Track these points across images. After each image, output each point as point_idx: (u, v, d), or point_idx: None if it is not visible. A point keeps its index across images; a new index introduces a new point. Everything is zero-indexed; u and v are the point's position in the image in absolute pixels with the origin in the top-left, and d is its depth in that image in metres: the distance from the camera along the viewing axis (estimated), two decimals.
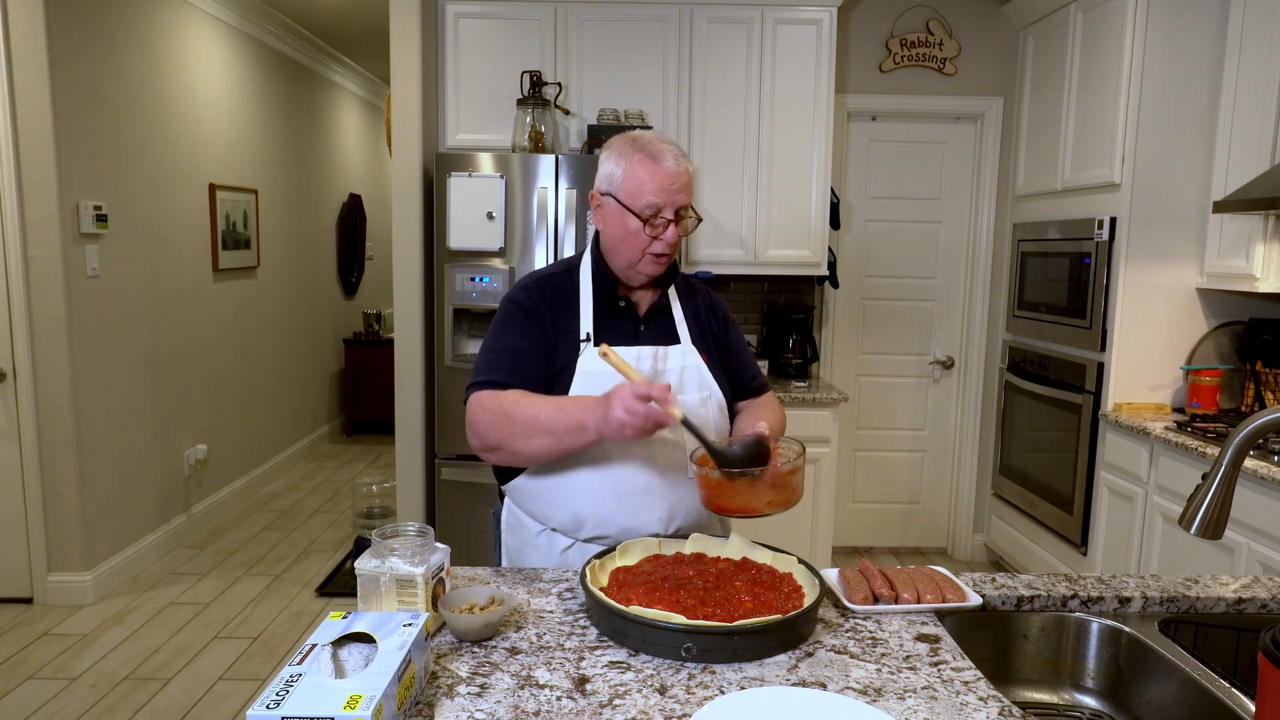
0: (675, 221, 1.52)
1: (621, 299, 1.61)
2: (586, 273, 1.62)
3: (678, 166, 1.52)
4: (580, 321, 1.58)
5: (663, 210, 1.51)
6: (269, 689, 0.94)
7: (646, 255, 1.54)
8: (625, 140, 1.56)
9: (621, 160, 1.54)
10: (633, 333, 1.60)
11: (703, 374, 1.60)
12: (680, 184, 1.52)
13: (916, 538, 4.34)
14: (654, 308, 1.63)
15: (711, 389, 1.60)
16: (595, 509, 1.53)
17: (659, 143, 1.53)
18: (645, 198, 1.50)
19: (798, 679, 1.13)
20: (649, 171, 1.50)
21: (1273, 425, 1.06)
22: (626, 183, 1.52)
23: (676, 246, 1.56)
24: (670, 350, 1.59)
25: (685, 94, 3.58)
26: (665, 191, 1.50)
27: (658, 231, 1.52)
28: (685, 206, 1.54)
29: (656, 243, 1.52)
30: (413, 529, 1.25)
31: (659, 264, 1.56)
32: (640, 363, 1.55)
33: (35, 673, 2.93)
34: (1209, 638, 1.41)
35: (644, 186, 1.50)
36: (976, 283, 4.11)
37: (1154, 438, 2.89)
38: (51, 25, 3.23)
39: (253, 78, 5.01)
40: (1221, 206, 2.76)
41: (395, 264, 3.45)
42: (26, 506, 3.40)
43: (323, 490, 5.20)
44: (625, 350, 1.53)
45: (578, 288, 1.61)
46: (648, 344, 1.59)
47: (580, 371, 1.54)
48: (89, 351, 3.49)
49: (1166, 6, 3.04)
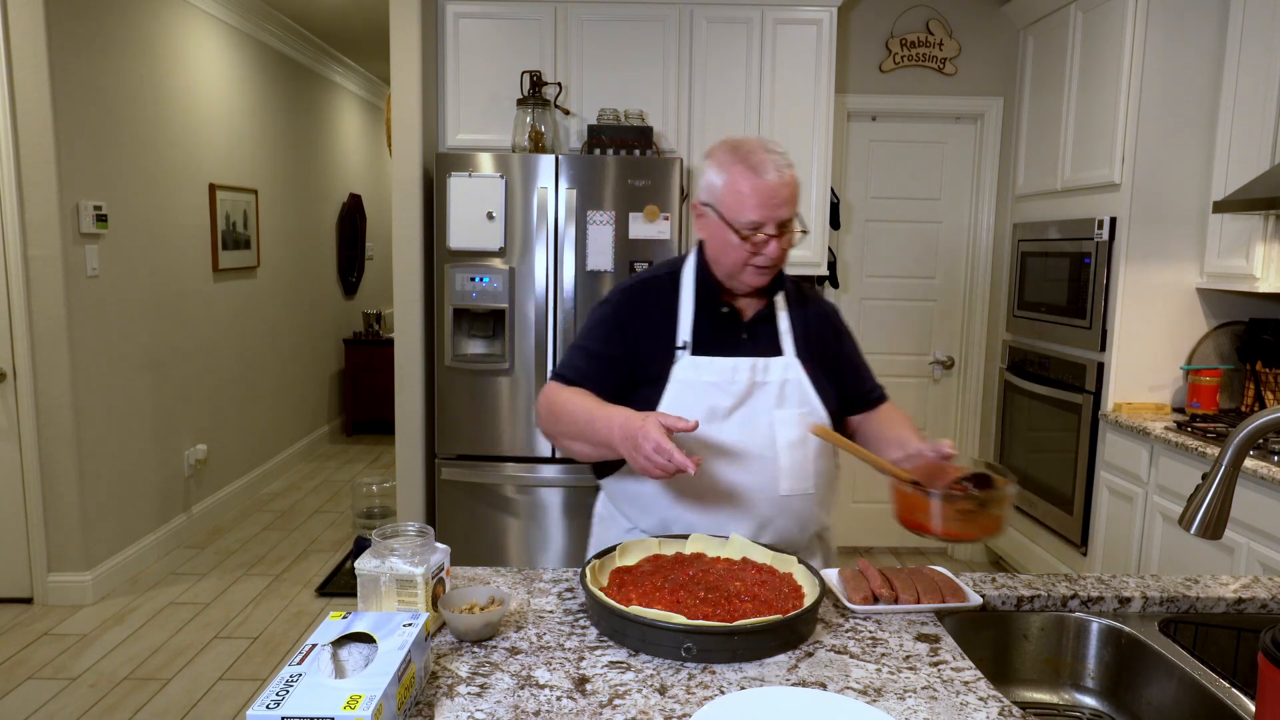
0: (778, 235, 1.46)
1: (724, 305, 1.55)
2: (689, 277, 1.57)
3: (780, 178, 1.44)
4: (679, 328, 1.54)
5: (764, 226, 1.44)
6: (269, 689, 0.94)
7: (748, 268, 1.49)
8: (727, 149, 1.49)
9: (722, 171, 1.47)
10: (735, 341, 1.54)
11: (804, 389, 1.54)
12: (782, 197, 1.44)
13: (916, 538, 4.33)
14: (759, 316, 1.57)
15: (813, 404, 1.54)
16: (682, 517, 1.52)
17: (761, 152, 1.45)
18: (746, 214, 1.44)
19: (798, 679, 1.13)
20: (750, 185, 1.43)
21: (1273, 425, 1.06)
22: (726, 196, 1.46)
23: (781, 260, 1.50)
24: (772, 362, 1.53)
25: (685, 94, 3.58)
26: (767, 206, 1.43)
27: (759, 247, 1.46)
28: (788, 221, 1.47)
29: (758, 257, 1.47)
30: (413, 529, 1.25)
31: (762, 276, 1.51)
32: (738, 373, 1.51)
33: (35, 673, 2.93)
34: (1209, 638, 1.41)
35: (744, 201, 1.44)
36: (976, 283, 4.11)
37: (1154, 438, 2.89)
38: (51, 25, 3.23)
39: (253, 78, 5.01)
40: (1221, 206, 2.76)
41: (395, 264, 3.45)
42: (26, 506, 3.41)
43: (323, 490, 5.20)
44: (724, 361, 1.50)
45: (679, 291, 1.57)
46: (749, 354, 1.53)
47: (675, 380, 1.51)
48: (89, 351, 3.49)
49: (1166, 6, 3.04)
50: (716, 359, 1.51)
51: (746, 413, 1.50)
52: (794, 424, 1.51)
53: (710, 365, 1.51)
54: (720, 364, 1.50)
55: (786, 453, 1.50)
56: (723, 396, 1.50)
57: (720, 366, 1.50)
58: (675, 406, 1.50)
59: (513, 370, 3.31)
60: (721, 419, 1.50)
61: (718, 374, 1.50)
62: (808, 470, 1.52)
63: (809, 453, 1.52)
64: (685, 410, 1.47)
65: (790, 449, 1.50)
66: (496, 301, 3.28)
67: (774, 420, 1.51)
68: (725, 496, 1.50)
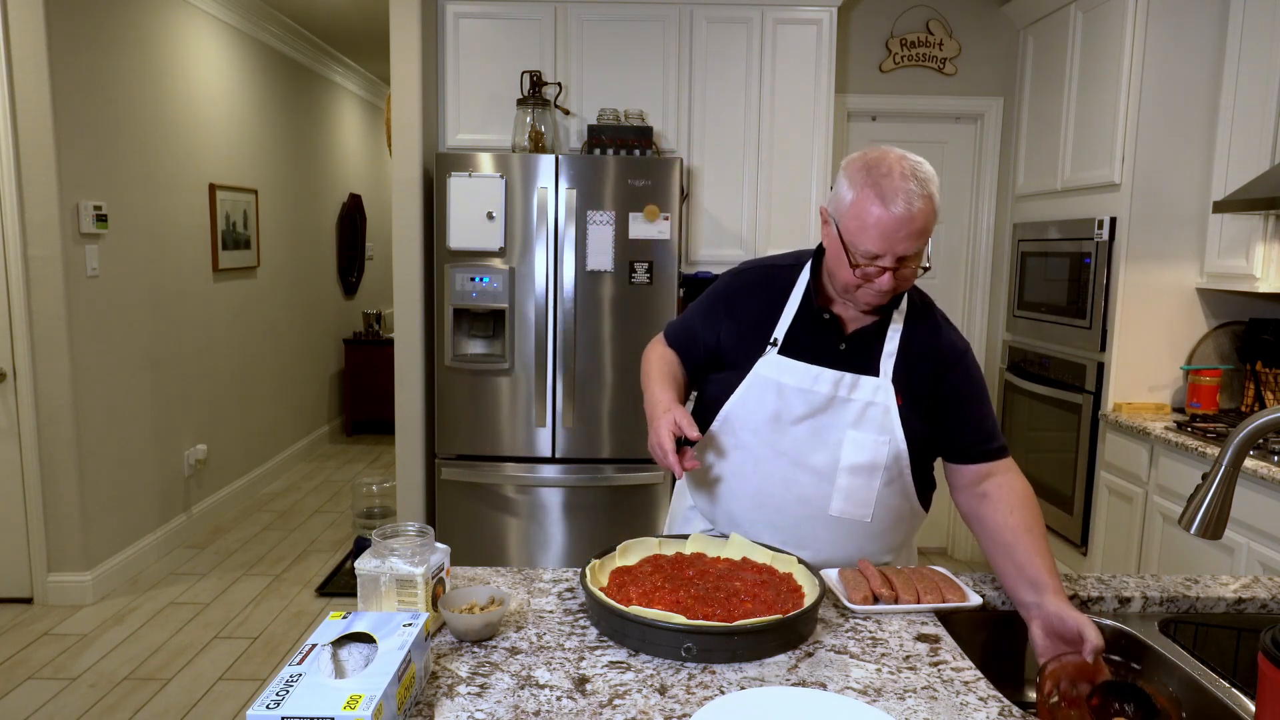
0: (895, 269, 1.34)
1: (826, 312, 1.47)
2: (805, 275, 1.51)
3: (909, 211, 1.30)
4: (779, 323, 1.50)
5: (881, 258, 1.33)
6: (269, 689, 0.94)
7: (862, 289, 1.38)
8: (863, 165, 1.35)
9: (853, 188, 1.34)
10: (830, 351, 1.46)
11: (889, 416, 1.43)
12: (907, 231, 1.31)
13: (917, 538, 4.33)
14: (864, 330, 1.47)
15: (893, 433, 1.43)
16: (728, 508, 1.54)
17: (897, 178, 1.30)
18: (863, 244, 1.33)
19: (798, 679, 1.13)
20: (875, 215, 1.30)
21: (1273, 425, 1.06)
22: (849, 218, 1.34)
23: (895, 291, 1.39)
24: (863, 380, 1.44)
25: (685, 94, 3.58)
26: (887, 239, 1.31)
27: (871, 277, 1.35)
28: (912, 255, 1.35)
29: (869, 286, 1.37)
30: (413, 529, 1.25)
31: (876, 298, 1.40)
32: (818, 384, 1.44)
33: (35, 673, 2.93)
34: (1209, 638, 1.41)
35: (865, 230, 1.32)
36: (976, 283, 4.11)
37: (1154, 438, 2.89)
38: (51, 25, 3.23)
39: (253, 78, 5.01)
40: (1221, 206, 2.76)
41: (395, 264, 3.45)
42: (26, 506, 3.40)
43: (323, 490, 5.20)
44: (806, 368, 1.44)
45: (793, 286, 1.52)
46: (841, 367, 1.44)
47: (754, 373, 1.48)
48: (89, 351, 3.49)
49: (1166, 6, 3.04)
50: (800, 364, 1.45)
51: (817, 424, 1.45)
52: (866, 448, 1.44)
53: (792, 368, 1.46)
54: (802, 370, 1.45)
55: (847, 475, 1.44)
56: (797, 402, 1.45)
57: (800, 373, 1.45)
58: (747, 400, 1.48)
59: (513, 370, 3.31)
60: (790, 424, 1.46)
61: (796, 379, 1.45)
62: (868, 498, 1.46)
63: (875, 482, 1.45)
64: (753, 407, 1.48)
65: (853, 472, 1.44)
66: (496, 301, 3.28)
67: (845, 439, 1.44)
68: (774, 500, 1.49)
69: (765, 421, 1.47)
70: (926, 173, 1.35)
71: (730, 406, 1.51)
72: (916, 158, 1.36)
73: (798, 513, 1.48)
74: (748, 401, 1.49)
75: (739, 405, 1.50)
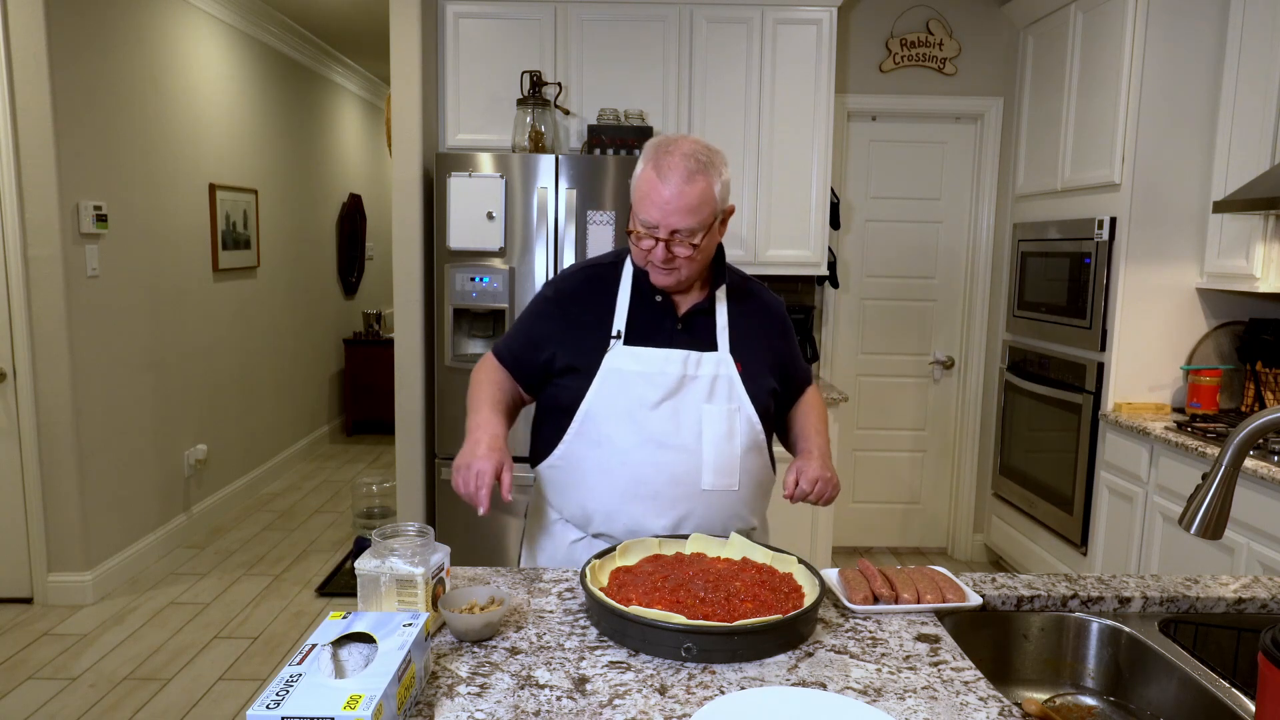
0: (668, 242, 1.44)
1: (659, 295, 1.55)
2: (629, 266, 1.58)
3: (680, 186, 1.40)
4: (615, 317, 1.54)
5: (656, 229, 1.43)
6: (269, 689, 0.94)
7: (648, 264, 1.49)
8: (655, 144, 1.47)
9: (642, 164, 1.47)
10: (670, 333, 1.54)
11: (734, 386, 1.53)
12: (679, 207, 1.41)
13: (916, 538, 4.34)
14: (696, 309, 1.55)
15: (741, 401, 1.53)
16: (602, 506, 1.53)
17: (677, 155, 1.42)
18: (642, 212, 1.44)
19: (798, 679, 1.13)
20: (651, 186, 1.42)
21: (1273, 425, 1.06)
22: (635, 190, 1.47)
23: (679, 265, 1.47)
24: (705, 356, 1.53)
25: (685, 94, 3.58)
26: (660, 209, 1.42)
27: (648, 248, 1.46)
28: (687, 231, 1.43)
29: (649, 257, 1.47)
30: (413, 529, 1.25)
31: (662, 276, 1.50)
32: (669, 365, 1.50)
33: (35, 673, 2.93)
34: (1209, 638, 1.41)
35: (643, 200, 1.44)
36: (976, 283, 4.11)
37: (1154, 438, 2.89)
38: (51, 25, 3.23)
39: (253, 78, 5.01)
40: (1221, 206, 2.76)
41: (395, 264, 3.45)
42: (26, 506, 3.40)
43: (323, 490, 5.20)
44: (655, 352, 1.51)
45: (619, 281, 1.57)
46: (683, 347, 1.52)
47: (605, 369, 1.51)
48: (89, 351, 3.49)
49: (1166, 6, 3.04)
50: (647, 349, 1.51)
51: (674, 405, 1.51)
52: (721, 419, 1.51)
53: (641, 356, 1.51)
54: (651, 355, 1.51)
55: (712, 447, 1.50)
56: (651, 388, 1.50)
57: (650, 358, 1.51)
58: (604, 395, 1.51)
59: None
60: (649, 409, 1.50)
61: (648, 365, 1.51)
62: (733, 467, 1.52)
63: (735, 449, 1.52)
64: (611, 400, 1.50)
65: (716, 444, 1.51)
66: (496, 301, 3.28)
67: (702, 414, 1.51)
68: (648, 487, 1.50)
69: (625, 411, 1.50)
70: (710, 159, 1.44)
71: (588, 404, 1.52)
72: (714, 147, 1.47)
73: (672, 493, 1.50)
74: (604, 395, 1.51)
75: (597, 401, 1.52)
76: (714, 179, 1.44)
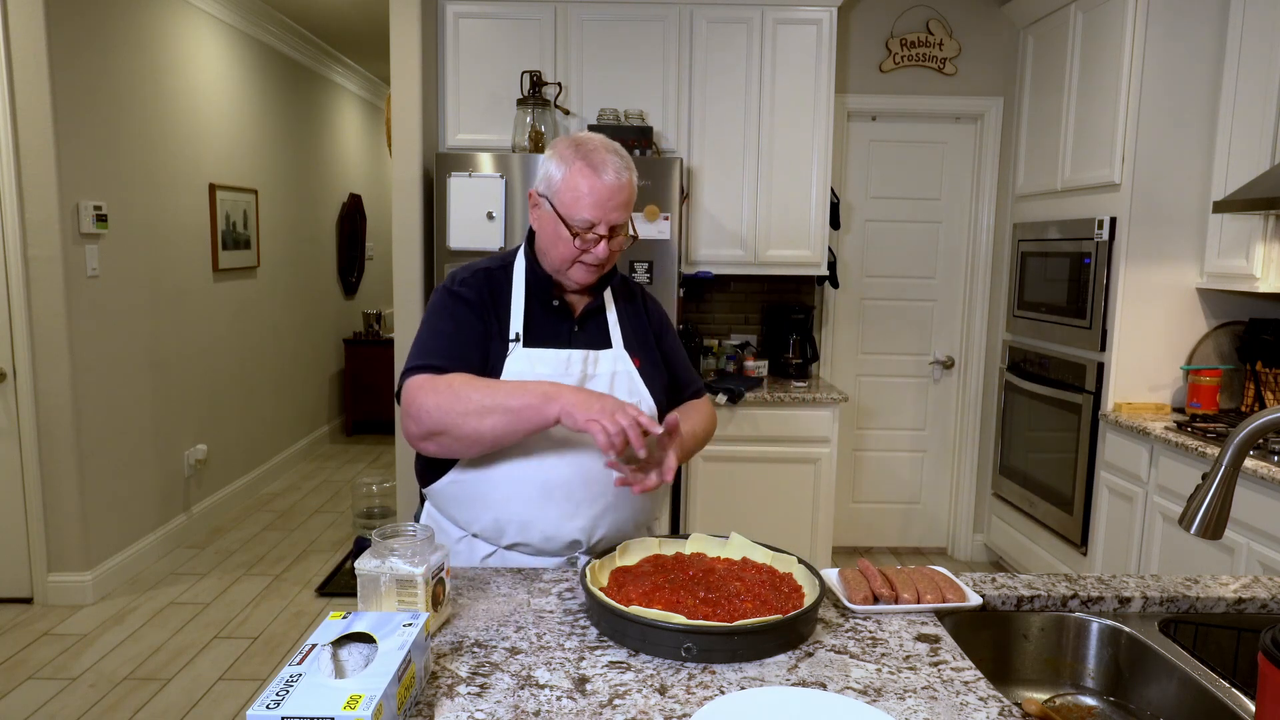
0: (609, 237, 1.47)
1: (556, 299, 1.56)
2: (520, 270, 1.57)
3: (618, 180, 1.45)
4: (511, 319, 1.53)
5: (596, 226, 1.46)
6: (269, 689, 0.94)
7: (577, 264, 1.50)
8: (570, 144, 1.49)
9: (563, 165, 1.47)
10: (567, 334, 1.55)
11: (634, 380, 1.56)
12: (618, 200, 1.45)
13: (916, 538, 4.34)
14: (589, 309, 1.58)
15: (642, 394, 1.55)
16: (516, 515, 1.49)
17: (603, 152, 1.46)
18: (580, 212, 1.44)
19: (798, 679, 1.13)
20: (588, 184, 1.44)
21: (1273, 425, 1.06)
22: (563, 191, 1.46)
23: (610, 261, 1.52)
24: (602, 355, 1.55)
25: (685, 94, 3.58)
26: (601, 207, 1.44)
27: (588, 245, 1.47)
28: (621, 225, 1.49)
29: (588, 255, 1.48)
30: (413, 529, 1.25)
31: (590, 274, 1.52)
32: (570, 366, 1.51)
33: (35, 673, 2.93)
34: (1209, 638, 1.41)
35: (580, 199, 1.44)
36: (976, 283, 4.11)
37: (1154, 438, 2.89)
38: (51, 25, 3.23)
39: (253, 78, 5.01)
40: (1221, 206, 2.76)
41: (395, 264, 3.45)
42: (26, 506, 3.40)
43: (323, 490, 5.20)
44: (556, 353, 1.51)
45: (511, 284, 1.56)
46: (580, 347, 1.54)
47: (507, 372, 1.48)
48: (89, 351, 3.49)
49: (1166, 6, 3.04)
50: (549, 351, 1.51)
51: None
52: None
53: (542, 357, 1.50)
54: (552, 356, 1.50)
55: None
56: None
57: (552, 359, 1.50)
58: None
59: None
60: None
61: (550, 367, 1.50)
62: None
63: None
64: None
65: None
66: None
67: None
68: (562, 489, 1.47)
69: None
70: (622, 149, 1.51)
71: None
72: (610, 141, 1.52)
73: (585, 493, 1.48)
74: None
75: None
76: (633, 169, 1.51)
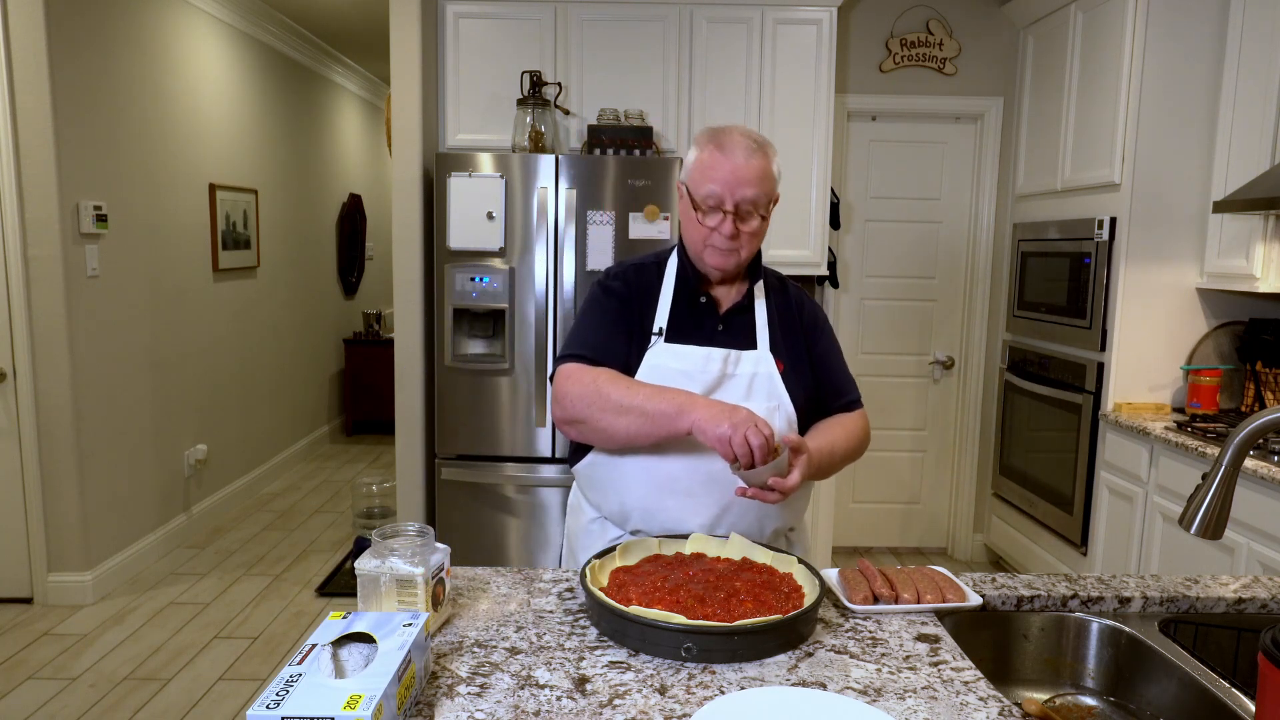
0: (736, 216, 1.47)
1: (703, 295, 1.57)
2: (672, 266, 1.60)
3: (747, 160, 1.46)
4: (658, 314, 1.56)
5: (723, 202, 1.46)
6: (269, 689, 0.94)
7: (708, 247, 1.51)
8: (707, 131, 1.53)
9: (696, 149, 1.51)
10: (710, 331, 1.55)
11: (774, 383, 1.53)
12: (745, 177, 1.45)
13: (916, 538, 4.34)
14: (736, 307, 1.58)
15: (781, 399, 1.53)
16: (639, 503, 1.53)
17: (735, 134, 1.48)
18: (706, 186, 1.47)
19: (798, 679, 1.13)
20: (715, 160, 1.47)
21: (1273, 425, 1.06)
22: (694, 171, 1.50)
23: (743, 243, 1.50)
24: (745, 355, 1.54)
25: (685, 94, 3.58)
26: (726, 182, 1.45)
27: (713, 223, 1.48)
28: (752, 202, 1.47)
29: (714, 235, 1.48)
30: (413, 529, 1.25)
31: (721, 258, 1.51)
32: (709, 364, 1.51)
33: (35, 673, 2.93)
34: (1209, 638, 1.41)
35: (707, 174, 1.47)
36: (976, 283, 4.11)
37: (1154, 438, 2.89)
38: (51, 25, 3.23)
39: (253, 78, 5.01)
40: (1221, 206, 2.76)
41: (395, 264, 3.45)
42: (26, 506, 3.40)
43: (323, 490, 5.20)
44: (697, 350, 1.52)
45: (663, 279, 1.59)
46: (722, 345, 1.54)
47: (646, 365, 1.51)
48: (89, 351, 3.49)
49: (1166, 6, 3.04)
50: (689, 347, 1.52)
51: None
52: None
53: (682, 354, 1.52)
54: (692, 353, 1.52)
55: None
56: (692, 386, 1.50)
57: (692, 356, 1.51)
58: None
59: (513, 370, 3.31)
60: None
61: (689, 363, 1.51)
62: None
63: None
64: None
65: None
66: (496, 301, 3.28)
67: None
68: (681, 484, 1.50)
69: None
70: (764, 139, 1.52)
71: None
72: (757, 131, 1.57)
73: (708, 491, 1.49)
74: None
75: None
76: (772, 158, 1.51)
